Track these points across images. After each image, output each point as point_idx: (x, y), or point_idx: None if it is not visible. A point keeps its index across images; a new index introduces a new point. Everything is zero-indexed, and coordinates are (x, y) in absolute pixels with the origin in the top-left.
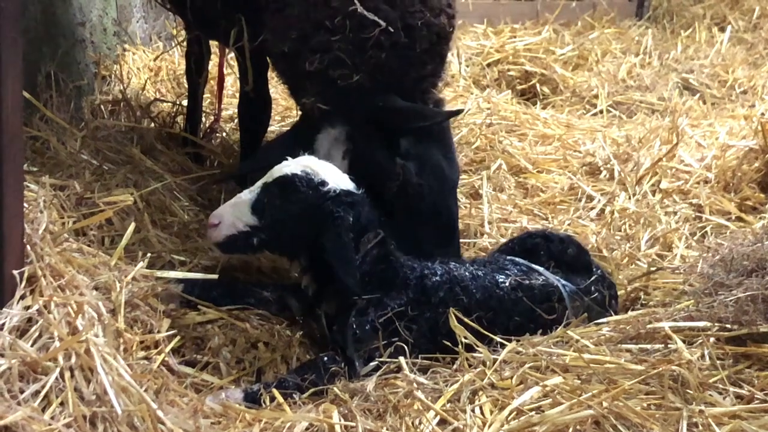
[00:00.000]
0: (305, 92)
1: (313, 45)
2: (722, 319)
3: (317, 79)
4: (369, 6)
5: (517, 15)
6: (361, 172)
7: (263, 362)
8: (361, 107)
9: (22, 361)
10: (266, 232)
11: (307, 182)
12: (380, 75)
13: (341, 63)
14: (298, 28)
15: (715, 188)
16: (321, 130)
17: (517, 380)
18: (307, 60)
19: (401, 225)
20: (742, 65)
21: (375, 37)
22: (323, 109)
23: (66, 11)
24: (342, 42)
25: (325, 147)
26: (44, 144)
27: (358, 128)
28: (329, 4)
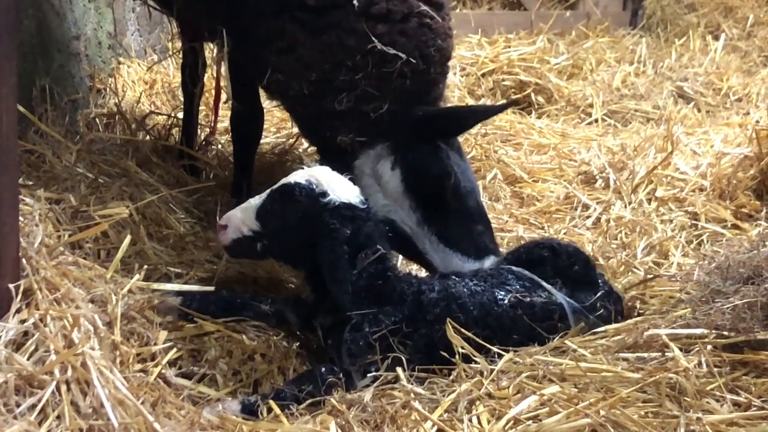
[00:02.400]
0: (334, 131)
1: (338, 84)
2: (719, 327)
3: (349, 116)
4: (386, 41)
5: (512, 25)
6: (414, 178)
7: (260, 374)
8: (397, 124)
9: (18, 375)
10: (268, 239)
11: (307, 192)
12: (406, 99)
13: (371, 97)
14: (317, 70)
15: (711, 196)
16: (358, 156)
17: (515, 389)
18: (335, 100)
19: (460, 224)
20: (736, 73)
21: (398, 69)
22: (361, 143)
23: (61, 25)
24: (367, 78)
25: (369, 167)
26: (39, 157)
27: (400, 140)
28: (346, 43)
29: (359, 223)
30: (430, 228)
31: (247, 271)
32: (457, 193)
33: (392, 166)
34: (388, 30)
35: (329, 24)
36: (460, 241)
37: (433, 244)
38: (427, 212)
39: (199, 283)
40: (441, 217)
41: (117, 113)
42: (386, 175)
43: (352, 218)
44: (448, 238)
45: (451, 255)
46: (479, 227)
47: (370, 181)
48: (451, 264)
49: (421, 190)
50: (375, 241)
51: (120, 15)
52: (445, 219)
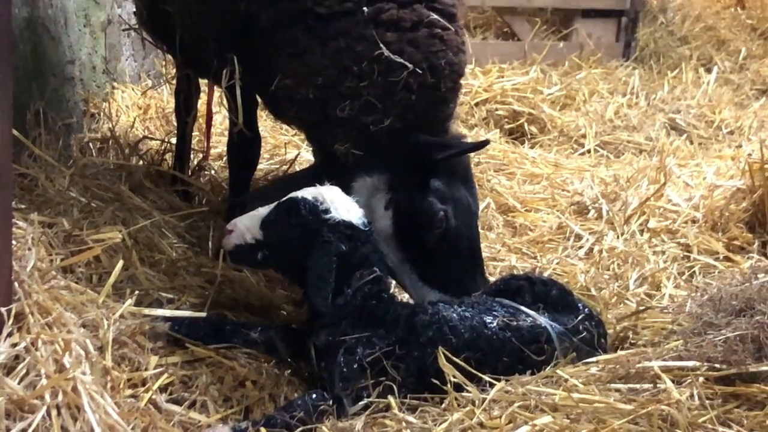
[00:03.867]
0: (334, 138)
1: (343, 91)
2: (711, 359)
3: (349, 125)
4: (394, 48)
5: (505, 55)
6: (405, 223)
7: (251, 400)
8: (395, 150)
9: (8, 399)
10: (269, 249)
11: (310, 208)
12: (410, 116)
13: (372, 108)
14: (324, 75)
15: (703, 228)
16: (355, 178)
17: (507, 419)
18: (338, 107)
19: (442, 265)
20: (728, 106)
21: (404, 80)
22: (357, 155)
23: (55, 49)
24: (371, 87)
25: (364, 196)
26: (33, 181)
27: (396, 175)
28: (354, 49)
29: (357, 244)
30: (412, 267)
31: (239, 297)
32: (446, 237)
33: (386, 205)
34: (398, 38)
35: (339, 31)
36: (440, 281)
37: (413, 281)
38: (411, 252)
39: (191, 309)
40: (425, 257)
41: (110, 138)
42: (378, 212)
43: (349, 237)
44: (428, 278)
45: (428, 292)
46: (463, 265)
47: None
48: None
49: (408, 235)
50: (372, 263)
51: (115, 40)
52: (428, 259)
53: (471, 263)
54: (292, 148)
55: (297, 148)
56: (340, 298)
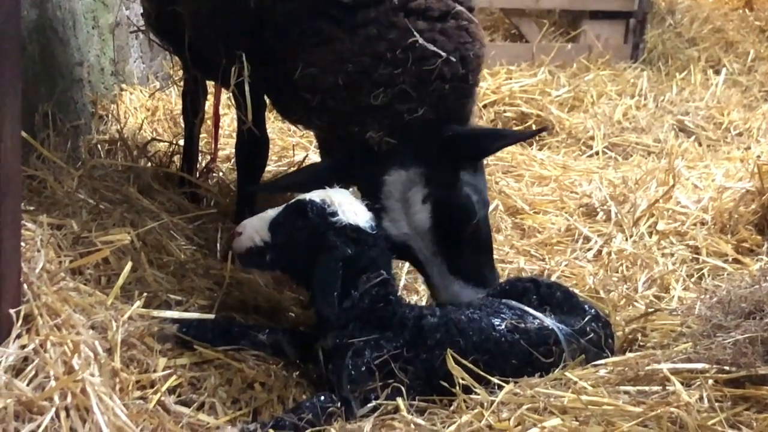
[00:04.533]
0: (365, 127)
1: (376, 78)
2: (720, 361)
3: (383, 113)
4: (426, 37)
5: (513, 57)
6: (443, 217)
7: (259, 402)
8: (430, 141)
9: (17, 401)
10: (277, 252)
11: (318, 210)
12: (442, 107)
13: (407, 96)
14: (355, 62)
15: (712, 230)
16: (389, 171)
17: (515, 422)
18: (371, 93)
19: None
20: (737, 107)
21: (438, 69)
22: (391, 145)
23: (64, 51)
24: (406, 75)
25: (399, 190)
26: (41, 183)
27: (432, 168)
28: (386, 37)
29: (364, 247)
30: (443, 259)
31: (247, 299)
32: (475, 229)
33: (424, 199)
34: (429, 27)
35: (367, 19)
36: (464, 270)
37: (442, 272)
38: (443, 245)
39: (199, 311)
40: (454, 249)
41: (119, 140)
42: (416, 206)
43: (356, 240)
44: (455, 268)
45: (454, 282)
46: (483, 258)
47: (397, 205)
48: (451, 290)
49: (445, 228)
50: (379, 266)
51: (123, 42)
52: (457, 250)
53: (488, 253)
54: (300, 150)
55: (305, 150)
56: (347, 301)
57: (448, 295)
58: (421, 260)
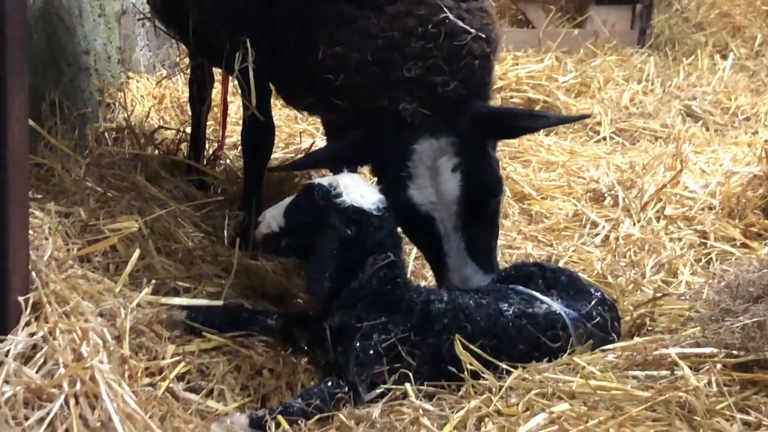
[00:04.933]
0: (398, 100)
1: (408, 52)
2: (729, 346)
3: (417, 84)
4: (455, 15)
5: (520, 43)
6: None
7: (268, 389)
8: (461, 115)
9: (26, 388)
10: (290, 236)
11: (324, 193)
12: (472, 83)
13: (440, 69)
14: (384, 37)
15: (720, 215)
16: (419, 140)
17: (524, 407)
18: (404, 66)
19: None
20: (744, 92)
21: (468, 45)
22: (423, 117)
23: (70, 39)
24: (438, 49)
25: (430, 158)
26: (49, 171)
27: (464, 139)
28: (415, 13)
29: (368, 228)
30: (462, 234)
31: (255, 286)
32: (496, 208)
33: (454, 168)
34: (455, 5)
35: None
36: (479, 253)
37: (459, 250)
38: (466, 220)
39: (208, 298)
40: (474, 227)
41: (126, 128)
42: (445, 175)
43: (358, 222)
44: (472, 248)
45: (468, 264)
46: (494, 243)
47: (426, 173)
48: (464, 272)
49: (472, 201)
50: (386, 248)
51: (129, 30)
52: (477, 230)
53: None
54: (307, 137)
55: (312, 137)
56: (354, 282)
57: (460, 278)
58: (441, 235)
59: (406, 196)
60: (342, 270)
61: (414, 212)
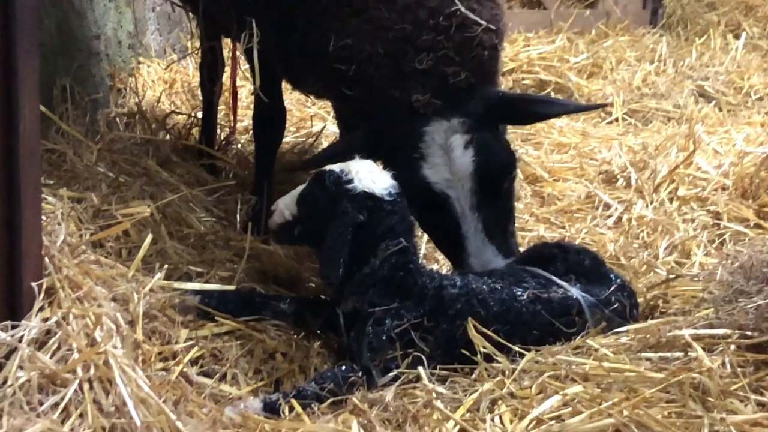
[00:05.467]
0: (409, 91)
1: (419, 44)
2: (743, 327)
3: (429, 76)
4: (465, 7)
5: (531, 24)
6: (485, 163)
7: (281, 373)
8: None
9: (41, 373)
10: (302, 224)
11: (335, 179)
12: (481, 72)
13: (451, 60)
14: (396, 29)
15: (733, 195)
16: (430, 123)
17: (537, 389)
18: (416, 58)
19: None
20: (757, 72)
21: (479, 36)
22: (436, 105)
23: (81, 24)
24: (449, 41)
25: (441, 137)
26: (61, 157)
27: (475, 119)
28: (426, 6)
29: (380, 214)
30: (479, 215)
31: (267, 270)
32: (510, 188)
33: (466, 144)
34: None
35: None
36: (497, 236)
37: (477, 231)
38: (482, 198)
39: (220, 282)
40: (490, 208)
41: (137, 113)
42: (458, 151)
43: (371, 208)
44: (489, 230)
45: (487, 247)
46: (512, 226)
47: (439, 152)
48: (484, 256)
49: (486, 176)
50: (398, 233)
51: (140, 14)
52: (493, 210)
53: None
54: (318, 120)
55: (323, 121)
56: (367, 267)
57: (480, 262)
58: (457, 216)
59: (419, 176)
60: (354, 256)
61: (429, 193)
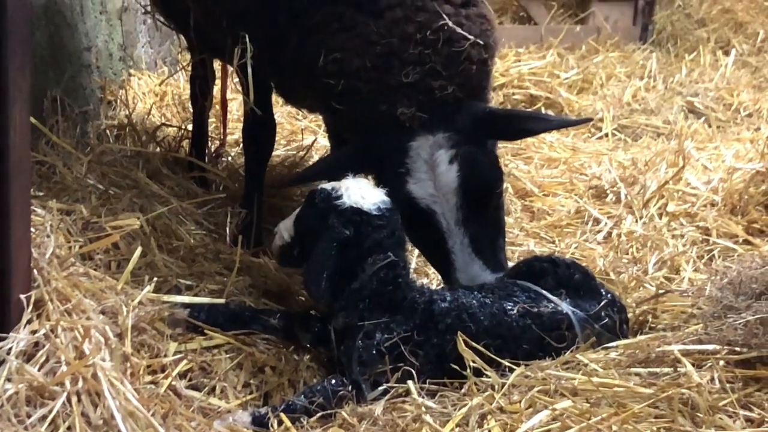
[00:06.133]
0: (396, 104)
1: (406, 58)
2: (731, 342)
3: (415, 89)
4: (453, 21)
5: (522, 39)
6: (470, 177)
7: (270, 386)
8: (459, 116)
9: (29, 386)
10: (299, 245)
11: (325, 197)
12: (469, 87)
13: (438, 74)
14: (383, 44)
15: (722, 211)
16: (415, 138)
17: (526, 404)
18: (402, 72)
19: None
20: (746, 88)
21: (466, 51)
22: (422, 119)
23: (72, 37)
24: (436, 55)
25: (426, 152)
26: (50, 169)
27: (460, 134)
28: (414, 19)
29: (367, 228)
30: (465, 230)
31: (257, 284)
32: (498, 203)
33: (451, 159)
34: (455, 12)
35: (391, 3)
36: (485, 250)
37: (463, 246)
38: (468, 213)
39: (210, 296)
40: (477, 223)
41: (127, 125)
42: (442, 166)
43: (358, 223)
44: (476, 245)
45: (474, 262)
46: (501, 241)
47: (424, 167)
48: (471, 270)
49: (471, 191)
50: (386, 248)
51: (131, 27)
52: (480, 225)
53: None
54: (309, 134)
55: (314, 134)
56: (355, 282)
57: (467, 277)
58: (443, 231)
59: (405, 191)
60: (343, 271)
61: (415, 208)
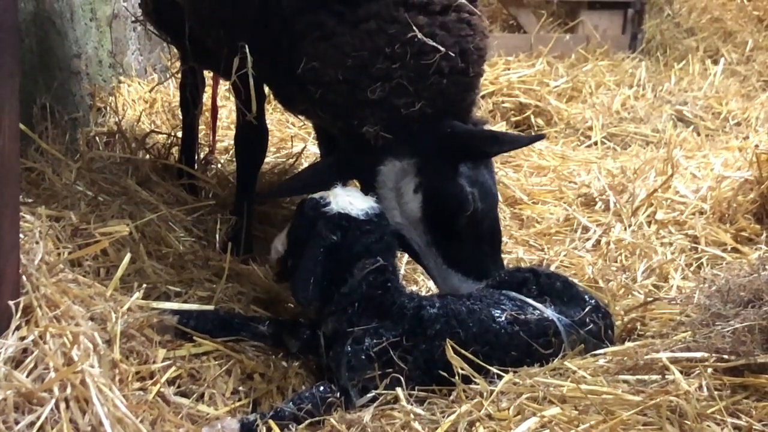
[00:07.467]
0: (362, 121)
1: (374, 73)
2: (720, 350)
3: (379, 107)
4: (426, 32)
5: (511, 48)
6: (434, 206)
7: (259, 393)
8: (426, 135)
9: (17, 392)
10: (292, 256)
11: (313, 205)
12: (440, 101)
13: (404, 91)
14: (355, 56)
15: (711, 219)
16: (384, 162)
17: (515, 411)
18: (368, 88)
19: (466, 249)
20: (735, 97)
21: (436, 63)
22: (387, 139)
23: (61, 43)
24: (403, 69)
25: (392, 180)
26: (39, 175)
27: (426, 159)
28: (386, 32)
29: (354, 233)
30: (437, 250)
31: (246, 290)
32: (472, 221)
33: (415, 188)
34: (429, 21)
35: (368, 14)
36: (463, 263)
37: (438, 264)
38: (437, 235)
39: (199, 302)
40: (450, 241)
41: (117, 132)
42: (407, 196)
43: (345, 228)
44: (452, 261)
45: (452, 275)
46: (486, 248)
47: (390, 194)
48: (449, 282)
49: (437, 217)
50: (374, 252)
51: (121, 34)
52: (454, 242)
53: (493, 247)
54: (298, 141)
55: (303, 142)
56: (345, 287)
57: (447, 287)
58: (416, 250)
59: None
60: (332, 276)
61: None
